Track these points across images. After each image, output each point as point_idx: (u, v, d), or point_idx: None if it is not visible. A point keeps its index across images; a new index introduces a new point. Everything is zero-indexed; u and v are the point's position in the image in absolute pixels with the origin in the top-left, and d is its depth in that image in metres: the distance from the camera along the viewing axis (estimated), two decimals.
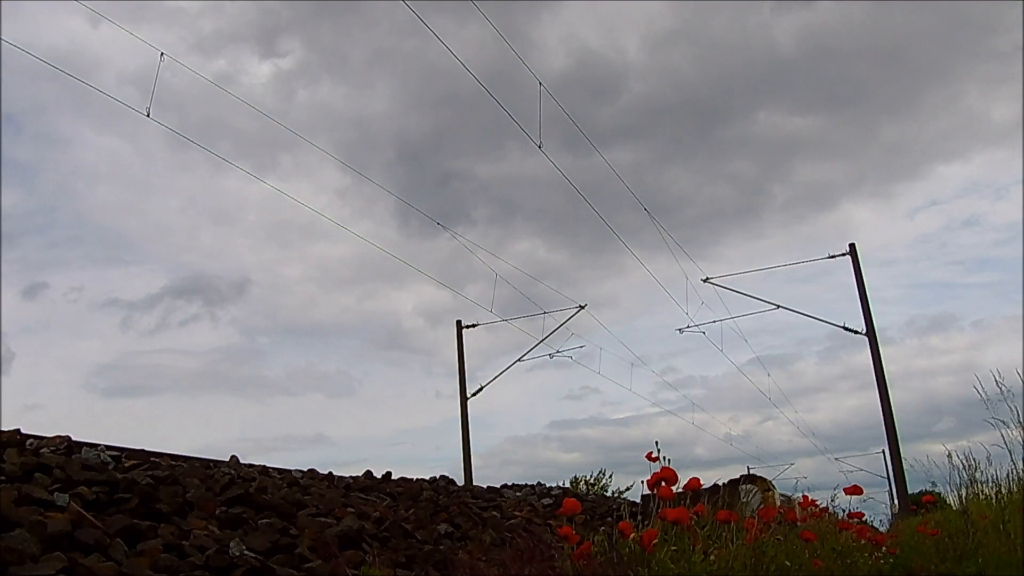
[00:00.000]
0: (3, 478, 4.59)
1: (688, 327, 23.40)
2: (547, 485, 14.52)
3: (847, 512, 5.52)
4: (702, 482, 3.92)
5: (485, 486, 12.05)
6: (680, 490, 3.62)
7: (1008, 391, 5.45)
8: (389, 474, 9.61)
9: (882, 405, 19.61)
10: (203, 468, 6.63)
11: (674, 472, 3.54)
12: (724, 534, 3.72)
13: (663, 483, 3.49)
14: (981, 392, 5.59)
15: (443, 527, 6.44)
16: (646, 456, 3.60)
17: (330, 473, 8.39)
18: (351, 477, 8.60)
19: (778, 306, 22.61)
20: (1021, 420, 5.29)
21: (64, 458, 5.39)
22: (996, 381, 5.54)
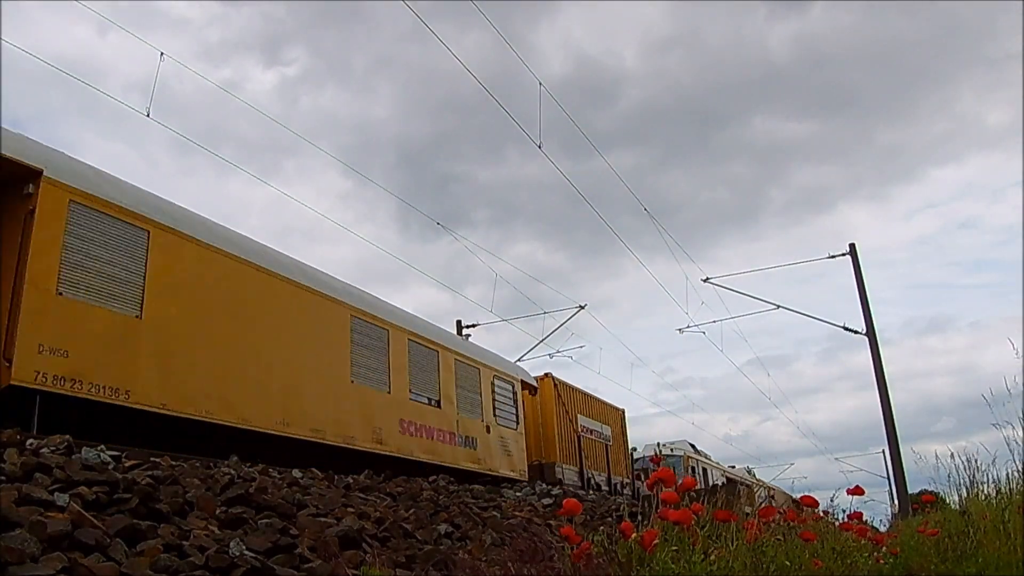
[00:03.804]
0: (3, 478, 4.60)
1: (688, 327, 23.49)
2: (547, 485, 14.53)
3: (847, 512, 5.52)
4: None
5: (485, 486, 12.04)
6: (678, 490, 3.64)
7: (1015, 390, 5.47)
8: (389, 474, 9.62)
9: (882, 405, 19.62)
10: (203, 468, 6.63)
11: (673, 473, 3.56)
12: (724, 534, 3.73)
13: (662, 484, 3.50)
14: (990, 391, 5.62)
15: (443, 527, 6.44)
16: (650, 459, 3.63)
17: (330, 473, 8.38)
18: (351, 477, 8.59)
19: (778, 306, 22.68)
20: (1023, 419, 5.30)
21: (64, 458, 5.39)
22: (1005, 383, 5.56)
